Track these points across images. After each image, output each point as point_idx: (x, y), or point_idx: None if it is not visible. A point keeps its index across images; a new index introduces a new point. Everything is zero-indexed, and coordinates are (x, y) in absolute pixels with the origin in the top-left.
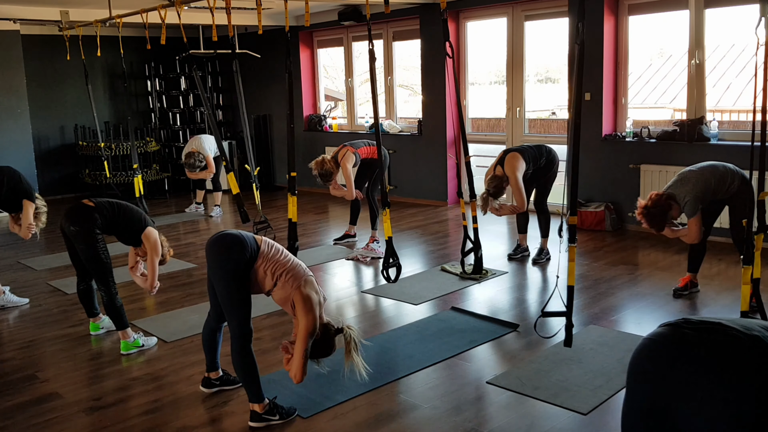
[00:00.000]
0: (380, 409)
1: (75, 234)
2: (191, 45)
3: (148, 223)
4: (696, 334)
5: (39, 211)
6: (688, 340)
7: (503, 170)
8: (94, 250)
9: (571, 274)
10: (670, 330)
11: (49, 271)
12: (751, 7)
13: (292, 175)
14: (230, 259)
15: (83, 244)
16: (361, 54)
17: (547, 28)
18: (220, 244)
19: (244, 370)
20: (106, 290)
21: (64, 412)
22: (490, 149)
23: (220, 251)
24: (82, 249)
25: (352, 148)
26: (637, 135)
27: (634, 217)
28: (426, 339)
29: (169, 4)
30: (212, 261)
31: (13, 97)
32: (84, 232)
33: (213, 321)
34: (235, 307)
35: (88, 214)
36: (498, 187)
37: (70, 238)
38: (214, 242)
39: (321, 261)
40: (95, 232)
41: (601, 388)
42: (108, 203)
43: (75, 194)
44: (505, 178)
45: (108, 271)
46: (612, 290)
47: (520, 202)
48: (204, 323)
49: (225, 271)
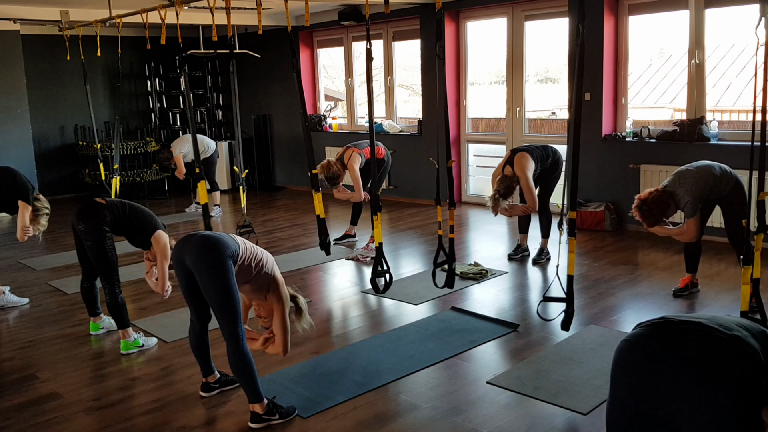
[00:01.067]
0: (380, 409)
1: (84, 231)
2: (192, 45)
3: (159, 227)
4: (678, 335)
5: (39, 212)
6: (670, 341)
7: (512, 170)
8: (102, 248)
9: (570, 264)
10: (651, 330)
11: (49, 271)
12: (751, 7)
13: (313, 172)
14: (220, 258)
15: (91, 241)
16: (360, 54)
17: (547, 28)
18: (205, 246)
19: (241, 370)
20: (110, 289)
21: (64, 412)
22: (490, 149)
23: (209, 252)
24: (90, 246)
25: (357, 149)
26: (637, 135)
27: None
28: (426, 339)
29: (169, 4)
30: (199, 263)
31: (13, 97)
32: (92, 228)
33: (197, 325)
34: (227, 307)
35: (98, 212)
36: (509, 188)
37: (80, 235)
38: (198, 245)
39: (321, 261)
40: (104, 229)
41: (601, 388)
42: (120, 203)
43: (75, 194)
44: (515, 178)
45: (114, 270)
46: (612, 290)
47: (531, 202)
48: (189, 330)
49: (218, 270)
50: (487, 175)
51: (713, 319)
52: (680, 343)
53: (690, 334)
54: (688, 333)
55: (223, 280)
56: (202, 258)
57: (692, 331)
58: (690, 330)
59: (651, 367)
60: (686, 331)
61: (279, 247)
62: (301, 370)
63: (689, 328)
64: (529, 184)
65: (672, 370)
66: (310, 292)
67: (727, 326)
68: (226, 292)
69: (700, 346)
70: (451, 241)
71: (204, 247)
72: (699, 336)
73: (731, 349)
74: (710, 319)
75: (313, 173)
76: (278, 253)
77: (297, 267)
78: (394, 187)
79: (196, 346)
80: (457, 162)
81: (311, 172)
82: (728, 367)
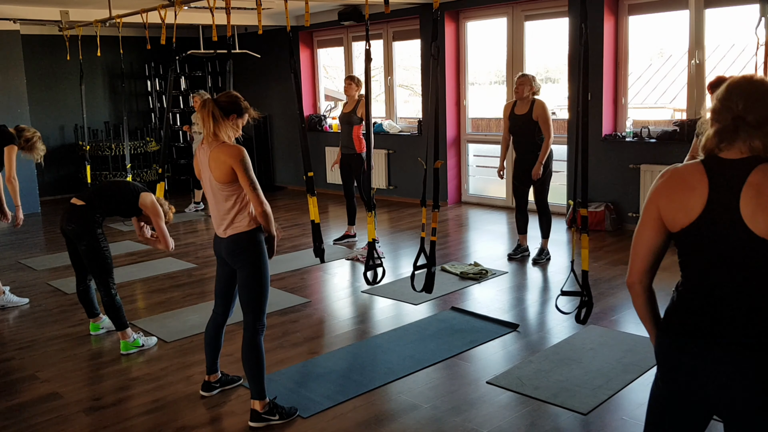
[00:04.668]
0: (380, 409)
1: (75, 233)
2: (192, 45)
3: (140, 189)
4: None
5: (31, 141)
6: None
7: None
8: (96, 250)
9: (585, 260)
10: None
11: (49, 271)
12: (751, 7)
13: (309, 175)
14: (257, 252)
15: (85, 245)
16: (360, 54)
17: (547, 28)
18: (240, 241)
19: (251, 362)
20: (106, 291)
21: (64, 412)
22: (490, 149)
23: (246, 246)
24: (83, 249)
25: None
26: (637, 135)
27: (634, 216)
28: (426, 339)
29: (169, 4)
30: (237, 255)
31: (13, 97)
32: (85, 231)
33: (220, 316)
34: (257, 298)
35: (87, 215)
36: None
37: (72, 238)
38: (231, 241)
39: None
40: (96, 232)
41: (601, 388)
42: (95, 192)
43: (75, 194)
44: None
45: (108, 272)
46: (612, 290)
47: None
48: (208, 321)
49: (256, 264)
50: (487, 175)
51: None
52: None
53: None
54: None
55: (259, 274)
56: (240, 251)
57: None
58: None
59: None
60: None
61: (279, 247)
62: (301, 370)
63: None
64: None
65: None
66: (310, 292)
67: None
68: (260, 286)
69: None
70: (433, 243)
71: (240, 243)
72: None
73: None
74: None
75: (309, 176)
76: (278, 253)
77: (297, 267)
78: (393, 187)
79: (211, 341)
80: (457, 162)
81: (307, 174)
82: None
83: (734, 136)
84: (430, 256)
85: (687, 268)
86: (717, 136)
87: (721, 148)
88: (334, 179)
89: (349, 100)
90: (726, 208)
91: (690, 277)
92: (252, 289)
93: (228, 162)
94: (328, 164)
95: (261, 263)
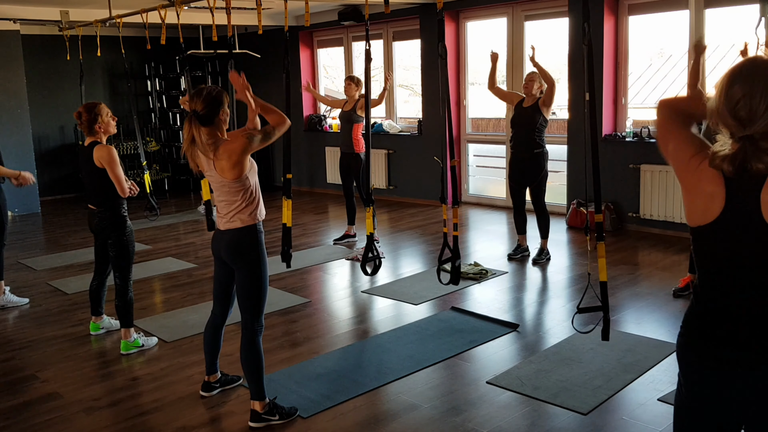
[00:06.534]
0: (380, 409)
1: (113, 243)
2: (192, 45)
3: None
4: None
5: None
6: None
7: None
8: (127, 249)
9: (602, 269)
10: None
11: (49, 271)
12: (751, 7)
13: (287, 177)
14: (257, 254)
15: (117, 249)
16: (360, 54)
17: (547, 28)
18: (242, 241)
19: (250, 363)
20: (125, 286)
21: (64, 412)
22: (490, 149)
23: (246, 247)
24: (116, 254)
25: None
26: (637, 135)
27: (634, 216)
28: (426, 339)
29: (169, 4)
30: (236, 255)
31: (13, 97)
32: (119, 236)
33: (218, 317)
34: (255, 299)
35: (113, 215)
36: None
37: (106, 246)
38: (231, 241)
39: (321, 261)
40: (126, 231)
41: (601, 388)
42: (90, 191)
43: (75, 194)
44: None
45: (130, 267)
46: (612, 290)
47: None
48: (207, 322)
49: (255, 265)
50: (487, 176)
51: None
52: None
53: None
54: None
55: (258, 275)
56: (240, 252)
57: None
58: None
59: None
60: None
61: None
62: (301, 370)
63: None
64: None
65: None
66: (310, 292)
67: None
68: (258, 287)
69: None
70: (455, 238)
71: (240, 243)
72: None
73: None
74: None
75: (287, 178)
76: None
77: (297, 267)
78: (393, 187)
79: (210, 342)
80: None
81: (285, 176)
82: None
83: (744, 161)
84: (454, 250)
85: (702, 268)
86: (728, 164)
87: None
88: (334, 179)
89: (349, 100)
90: (744, 210)
91: (706, 280)
92: (250, 290)
93: (232, 158)
94: (329, 165)
95: (260, 264)
